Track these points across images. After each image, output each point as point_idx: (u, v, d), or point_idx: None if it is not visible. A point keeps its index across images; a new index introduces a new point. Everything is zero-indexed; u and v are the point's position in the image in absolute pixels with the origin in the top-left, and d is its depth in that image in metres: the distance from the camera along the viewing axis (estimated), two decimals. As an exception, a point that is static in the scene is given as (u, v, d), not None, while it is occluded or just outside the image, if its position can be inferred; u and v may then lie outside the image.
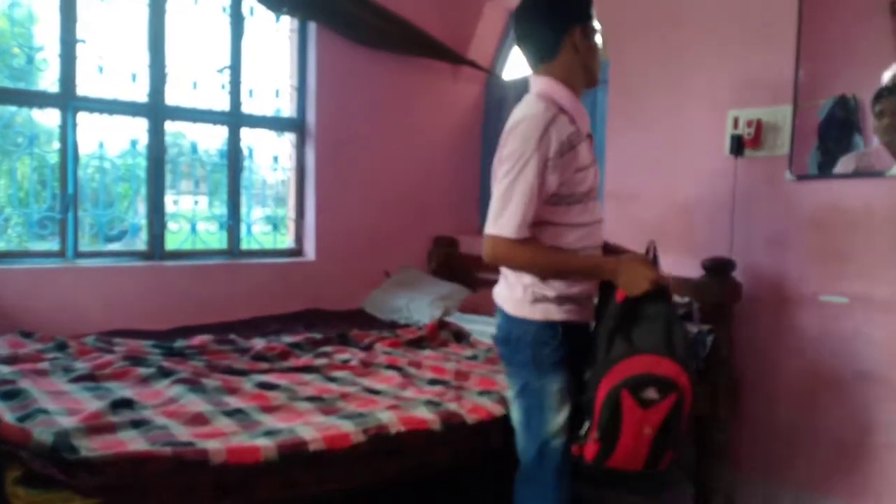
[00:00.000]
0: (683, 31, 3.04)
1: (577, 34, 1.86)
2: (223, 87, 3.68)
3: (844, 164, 2.50)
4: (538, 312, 1.83)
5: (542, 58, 1.87)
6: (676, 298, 2.75)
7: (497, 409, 2.16)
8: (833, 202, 2.55)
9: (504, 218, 1.76)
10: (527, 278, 1.84)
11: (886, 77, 2.40)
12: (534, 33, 1.88)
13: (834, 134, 2.54)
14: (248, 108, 3.77)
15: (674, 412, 1.73)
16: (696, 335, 2.62)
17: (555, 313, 1.82)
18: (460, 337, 3.12)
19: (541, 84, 1.86)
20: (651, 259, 1.86)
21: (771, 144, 2.71)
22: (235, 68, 3.70)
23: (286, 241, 3.99)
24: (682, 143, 3.04)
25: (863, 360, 2.48)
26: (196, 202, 3.70)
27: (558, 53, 1.86)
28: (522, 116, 1.80)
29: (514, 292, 1.87)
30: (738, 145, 2.77)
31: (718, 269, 2.70)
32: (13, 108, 3.25)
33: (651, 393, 1.71)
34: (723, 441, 2.75)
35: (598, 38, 1.94)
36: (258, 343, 2.92)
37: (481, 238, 1.88)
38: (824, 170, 2.57)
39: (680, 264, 2.95)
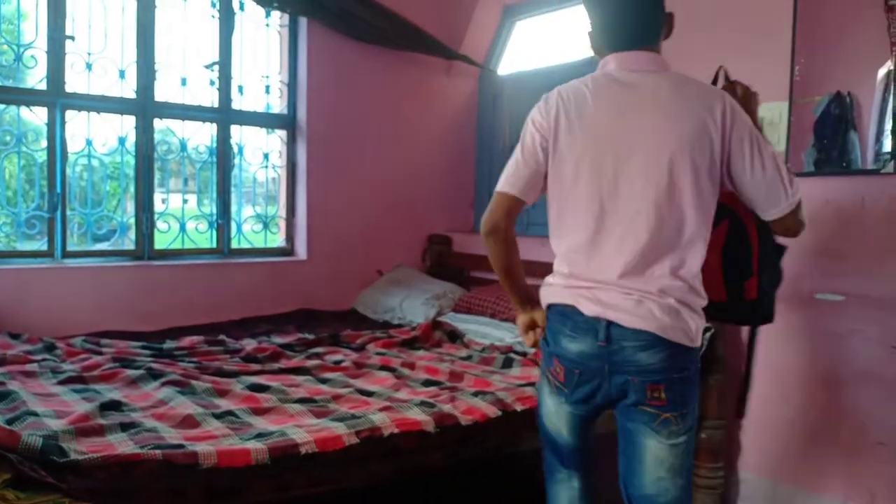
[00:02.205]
0: (679, 27, 3.01)
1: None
2: (212, 83, 3.64)
3: None
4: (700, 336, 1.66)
5: (658, 35, 1.82)
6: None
7: (491, 411, 2.14)
8: (829, 199, 2.54)
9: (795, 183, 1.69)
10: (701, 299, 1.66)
11: (881, 74, 2.39)
12: (652, 7, 1.81)
13: (829, 131, 2.53)
14: (237, 104, 3.73)
15: (732, 237, 1.77)
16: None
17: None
18: (454, 337, 3.10)
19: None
20: None
21: (767, 141, 2.69)
22: (225, 64, 3.66)
23: (277, 239, 3.96)
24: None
25: (858, 357, 2.47)
26: (185, 200, 3.66)
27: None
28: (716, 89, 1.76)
29: (693, 320, 1.62)
30: (733, 142, 2.75)
31: (714, 267, 2.69)
32: (1, 106, 3.21)
33: None
34: (719, 439, 2.74)
35: None
36: (249, 344, 2.89)
37: (475, 236, 1.85)
38: (820, 167, 2.56)
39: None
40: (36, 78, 3.23)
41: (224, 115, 3.68)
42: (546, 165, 1.68)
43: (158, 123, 3.51)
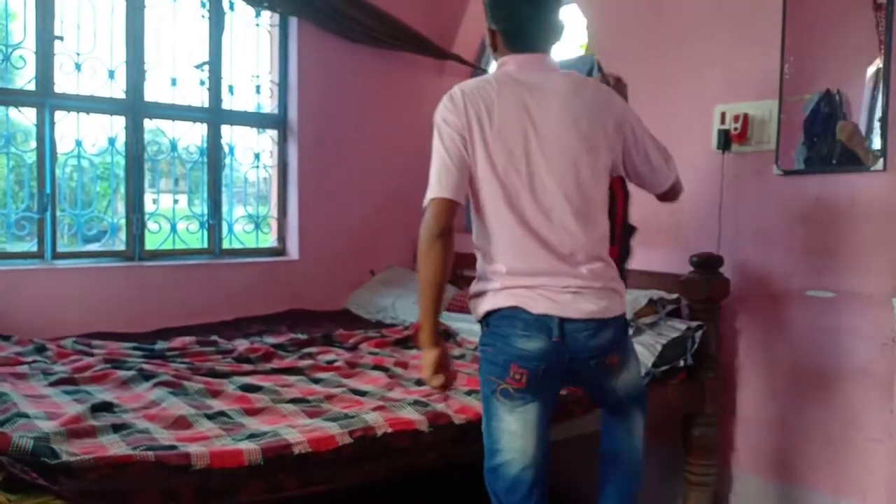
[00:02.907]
0: (670, 26, 3.03)
1: None
2: (203, 83, 3.63)
3: None
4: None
5: (556, 41, 1.88)
6: (664, 295, 2.75)
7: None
8: (819, 197, 2.56)
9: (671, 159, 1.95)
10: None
11: (870, 72, 2.40)
12: (557, 14, 1.86)
13: (819, 129, 2.54)
14: (228, 104, 3.72)
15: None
16: (685, 331, 2.62)
17: None
18: (447, 336, 3.09)
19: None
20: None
21: (758, 139, 2.71)
22: (215, 64, 3.64)
23: (269, 239, 3.95)
24: (669, 138, 2.99)
25: (849, 354, 2.49)
26: (176, 201, 3.64)
27: None
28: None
29: (621, 288, 1.88)
30: (725, 140, 2.77)
31: (706, 264, 2.70)
32: (-11, 107, 3.19)
33: None
34: (711, 436, 2.75)
35: None
36: (241, 344, 2.88)
37: (468, 235, 1.86)
38: (810, 164, 2.57)
39: (668, 260, 2.95)
40: (25, 78, 3.21)
41: (214, 115, 3.67)
42: (469, 165, 1.73)
43: (148, 124, 3.50)
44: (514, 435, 1.76)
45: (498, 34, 1.85)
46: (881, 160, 2.36)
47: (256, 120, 3.85)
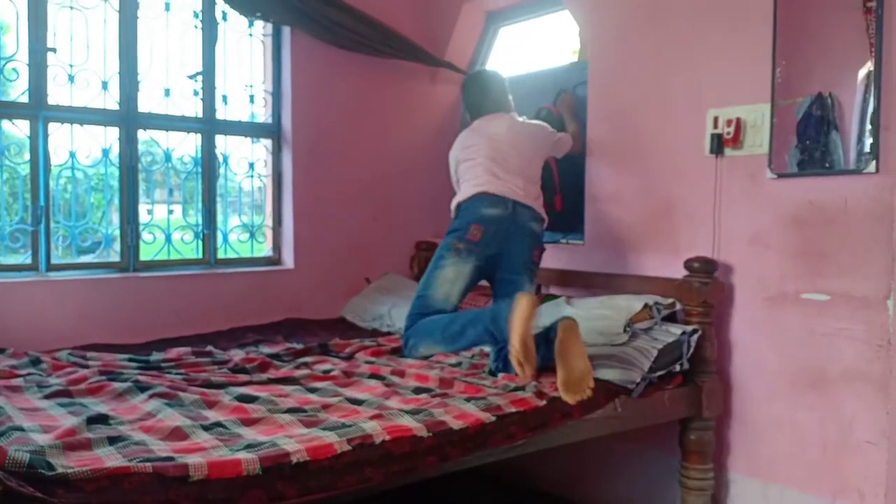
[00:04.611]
0: (662, 31, 3.05)
1: None
2: (196, 93, 3.63)
3: None
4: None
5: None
6: (659, 299, 2.75)
7: (484, 416, 2.14)
8: (812, 200, 2.57)
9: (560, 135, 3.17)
10: None
11: (861, 74, 2.42)
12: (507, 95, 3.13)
13: (812, 132, 2.55)
14: (222, 114, 3.72)
15: (544, 168, 3.16)
16: (681, 335, 2.62)
17: None
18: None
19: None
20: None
21: (750, 143, 2.72)
22: (209, 74, 3.65)
23: (264, 249, 3.94)
24: (663, 142, 3.04)
25: (844, 357, 2.49)
26: (171, 211, 3.63)
27: None
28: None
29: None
30: (718, 144, 2.78)
31: (701, 268, 2.71)
32: (-18, 120, 3.19)
33: None
34: (707, 440, 2.75)
35: None
36: (237, 355, 2.87)
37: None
38: (803, 167, 2.58)
39: (663, 264, 2.96)
40: (18, 90, 3.20)
41: (208, 125, 3.67)
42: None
43: (142, 134, 3.50)
44: (445, 281, 2.69)
45: (467, 107, 3.15)
46: (873, 163, 2.37)
47: (250, 129, 3.85)
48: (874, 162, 2.37)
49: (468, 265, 2.68)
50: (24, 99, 3.19)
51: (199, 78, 3.63)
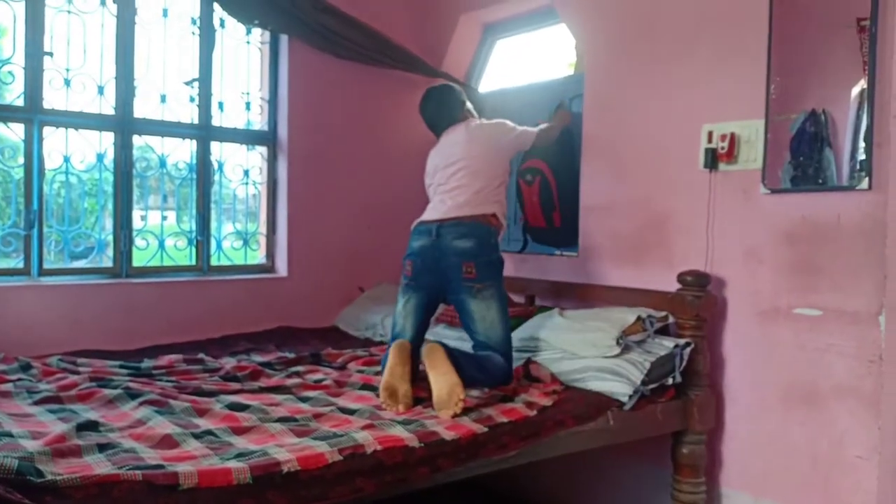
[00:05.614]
0: (658, 46, 3.07)
1: None
2: (192, 99, 3.63)
3: None
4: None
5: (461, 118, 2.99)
6: (652, 312, 2.76)
7: (475, 426, 2.14)
8: (805, 215, 2.58)
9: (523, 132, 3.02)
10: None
11: (855, 92, 2.44)
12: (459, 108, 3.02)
13: (805, 148, 2.57)
14: (218, 121, 3.72)
15: (542, 187, 3.49)
16: (673, 349, 2.62)
17: None
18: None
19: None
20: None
21: (745, 158, 2.74)
22: (205, 81, 3.65)
23: (257, 256, 3.94)
24: (657, 155, 3.05)
25: (836, 371, 2.50)
26: (164, 217, 3.63)
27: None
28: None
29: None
30: (712, 159, 2.79)
31: (694, 282, 2.72)
32: (-23, 123, 3.18)
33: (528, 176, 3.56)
34: (699, 454, 2.75)
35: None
36: (228, 363, 2.87)
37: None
38: (797, 183, 2.59)
39: (656, 278, 2.96)
40: (13, 94, 3.20)
41: (204, 132, 3.67)
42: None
43: (137, 140, 3.49)
44: (398, 314, 2.78)
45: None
46: (866, 179, 2.39)
47: (246, 137, 3.85)
48: (867, 178, 2.39)
49: (413, 300, 2.75)
50: (20, 102, 3.18)
51: (196, 84, 3.63)
